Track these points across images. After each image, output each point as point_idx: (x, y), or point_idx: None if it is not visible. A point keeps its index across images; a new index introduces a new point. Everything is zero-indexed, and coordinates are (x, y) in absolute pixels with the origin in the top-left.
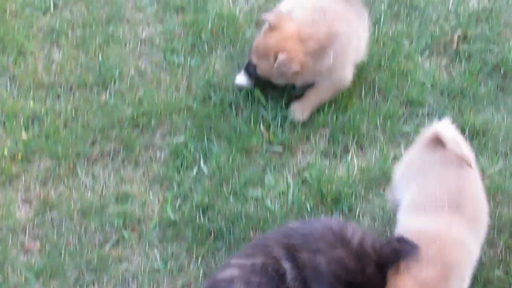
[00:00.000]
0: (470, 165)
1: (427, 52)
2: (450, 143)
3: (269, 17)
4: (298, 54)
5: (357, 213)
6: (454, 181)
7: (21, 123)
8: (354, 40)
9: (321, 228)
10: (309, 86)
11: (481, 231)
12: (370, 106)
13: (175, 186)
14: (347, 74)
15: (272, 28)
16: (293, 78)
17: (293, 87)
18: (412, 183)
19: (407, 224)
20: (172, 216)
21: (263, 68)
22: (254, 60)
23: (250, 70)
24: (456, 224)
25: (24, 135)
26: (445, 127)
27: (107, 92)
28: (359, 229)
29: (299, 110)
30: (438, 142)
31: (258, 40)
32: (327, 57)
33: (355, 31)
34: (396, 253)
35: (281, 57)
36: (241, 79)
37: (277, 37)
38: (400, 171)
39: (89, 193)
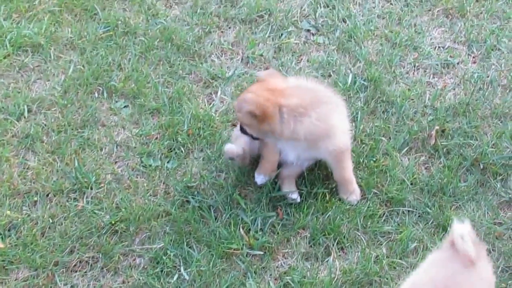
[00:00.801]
0: (471, 261)
1: (405, 148)
2: (458, 239)
3: (260, 73)
4: (266, 102)
5: None
6: None
7: None
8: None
9: None
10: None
11: None
12: (350, 205)
13: None
14: (344, 140)
15: (258, 81)
16: (266, 131)
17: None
18: None
19: None
20: None
21: (239, 119)
22: (237, 115)
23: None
24: None
25: (1, 244)
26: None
27: (84, 199)
28: None
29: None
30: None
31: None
32: (308, 121)
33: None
34: None
35: (244, 95)
36: (228, 146)
37: (256, 86)
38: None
39: None
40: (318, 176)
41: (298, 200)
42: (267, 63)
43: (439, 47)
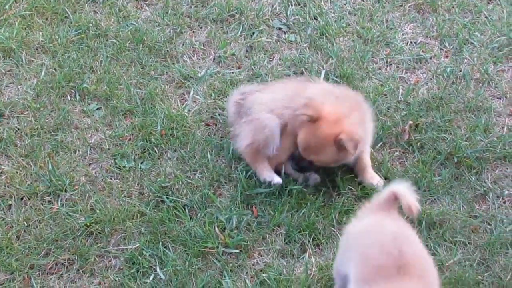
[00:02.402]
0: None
1: (379, 144)
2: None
3: (307, 111)
4: (354, 129)
5: None
6: (394, 245)
7: None
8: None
9: None
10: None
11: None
12: (325, 202)
13: None
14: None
15: (314, 120)
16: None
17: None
18: (356, 254)
19: None
20: None
21: (322, 159)
22: (310, 156)
23: (304, 166)
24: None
25: None
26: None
27: (59, 201)
28: None
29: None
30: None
31: (305, 137)
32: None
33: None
34: None
35: (343, 136)
36: (278, 179)
37: (327, 125)
38: (344, 243)
39: None
40: None
41: (280, 181)
42: (239, 62)
43: (411, 42)
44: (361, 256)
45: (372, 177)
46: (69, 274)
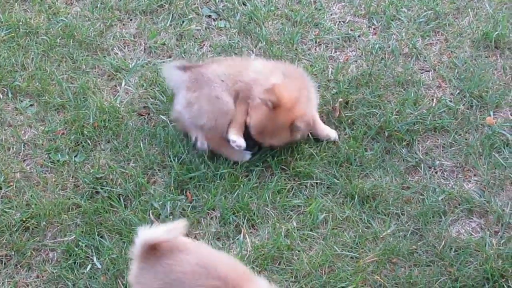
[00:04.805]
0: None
1: None
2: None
3: (270, 97)
4: (305, 111)
5: None
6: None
7: None
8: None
9: None
10: None
11: None
12: (258, 183)
13: (70, 285)
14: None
15: (274, 106)
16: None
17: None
18: None
19: None
20: None
21: (276, 142)
22: (264, 139)
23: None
24: None
25: None
26: (146, 234)
27: None
28: None
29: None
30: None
31: (261, 122)
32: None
33: None
34: None
35: (298, 122)
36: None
37: (284, 112)
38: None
39: None
40: (224, 157)
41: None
42: (169, 52)
43: (340, 21)
44: None
45: (324, 130)
46: (7, 270)
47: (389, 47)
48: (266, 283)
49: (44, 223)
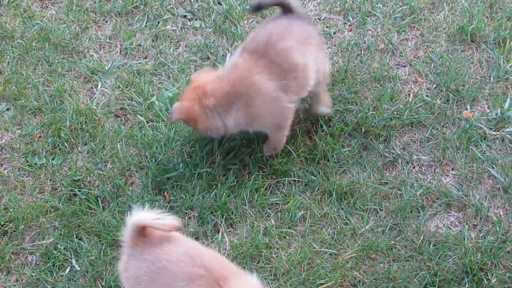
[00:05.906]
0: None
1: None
2: (152, 221)
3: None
4: (194, 106)
5: None
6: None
7: None
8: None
9: None
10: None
11: None
12: (236, 181)
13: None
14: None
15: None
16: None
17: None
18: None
19: None
20: None
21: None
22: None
23: None
24: None
25: None
26: (138, 216)
27: None
28: None
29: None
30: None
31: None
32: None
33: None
34: None
35: (174, 105)
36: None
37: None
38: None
39: None
40: (201, 157)
41: None
42: (145, 52)
43: (315, 19)
44: None
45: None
46: None
47: (365, 43)
48: (255, 281)
49: (22, 226)
